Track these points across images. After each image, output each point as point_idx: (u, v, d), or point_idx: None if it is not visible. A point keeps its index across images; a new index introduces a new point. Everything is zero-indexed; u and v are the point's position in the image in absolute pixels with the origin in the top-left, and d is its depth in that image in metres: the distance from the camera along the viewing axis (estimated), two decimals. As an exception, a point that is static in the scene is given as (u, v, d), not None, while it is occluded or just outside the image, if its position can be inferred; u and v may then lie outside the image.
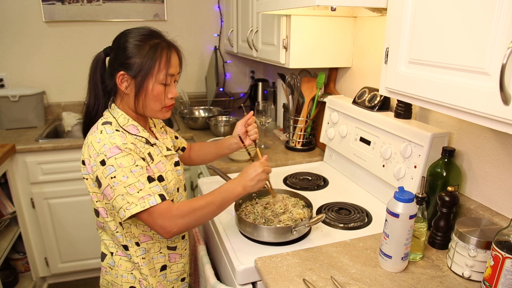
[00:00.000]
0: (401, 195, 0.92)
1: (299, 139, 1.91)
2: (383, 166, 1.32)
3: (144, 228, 1.06)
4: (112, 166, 0.93)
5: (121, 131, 0.99)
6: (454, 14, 0.75)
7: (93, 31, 2.62)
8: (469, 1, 0.72)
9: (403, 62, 0.92)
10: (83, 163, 1.00)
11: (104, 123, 1.00)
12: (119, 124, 1.02)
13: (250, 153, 1.26)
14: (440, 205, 1.06)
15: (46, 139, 2.19)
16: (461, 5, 0.73)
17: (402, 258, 0.95)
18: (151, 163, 1.04)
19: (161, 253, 1.11)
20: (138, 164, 0.96)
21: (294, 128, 1.91)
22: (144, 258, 1.07)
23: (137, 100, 1.02)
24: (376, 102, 1.42)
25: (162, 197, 0.95)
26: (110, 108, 1.06)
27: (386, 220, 0.95)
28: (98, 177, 0.96)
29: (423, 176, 1.12)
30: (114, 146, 0.95)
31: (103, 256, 1.10)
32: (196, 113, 2.66)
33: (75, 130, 2.55)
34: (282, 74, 2.07)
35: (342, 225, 1.22)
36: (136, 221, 1.04)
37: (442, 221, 1.07)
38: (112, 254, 1.07)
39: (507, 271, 0.79)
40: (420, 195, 1.00)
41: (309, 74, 1.99)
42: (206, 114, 2.63)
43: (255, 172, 1.06)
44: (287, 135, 1.98)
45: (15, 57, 2.53)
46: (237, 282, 1.03)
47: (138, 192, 0.93)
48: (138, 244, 1.06)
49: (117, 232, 1.04)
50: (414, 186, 1.18)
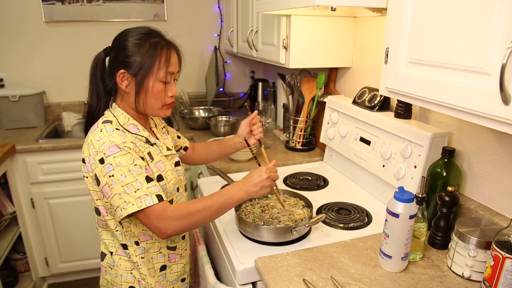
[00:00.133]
0: (401, 195, 0.92)
1: (299, 139, 1.91)
2: (383, 166, 1.32)
3: (144, 228, 1.06)
4: (111, 164, 0.93)
5: (121, 130, 1.00)
6: (454, 14, 0.75)
7: (93, 31, 2.62)
8: (469, 1, 0.72)
9: (403, 62, 0.92)
10: (83, 161, 1.01)
11: (104, 122, 1.01)
12: (120, 123, 1.03)
13: (254, 152, 1.24)
14: (440, 205, 1.06)
15: (46, 139, 2.19)
16: (461, 5, 0.73)
17: (402, 258, 0.95)
18: (151, 163, 1.04)
19: (160, 253, 1.11)
20: (137, 164, 0.96)
21: (294, 128, 1.91)
22: (143, 258, 1.07)
23: (137, 98, 1.02)
24: (376, 102, 1.42)
25: (160, 197, 0.95)
26: (111, 107, 1.06)
27: (386, 220, 0.95)
28: (97, 175, 0.96)
29: (423, 176, 1.12)
30: (113, 144, 0.95)
31: (103, 256, 1.10)
32: (196, 113, 2.66)
33: (75, 130, 2.55)
34: (282, 74, 2.07)
35: (342, 225, 1.22)
36: (136, 220, 1.04)
37: (442, 221, 1.07)
38: (111, 254, 1.07)
39: (507, 271, 0.79)
40: (420, 195, 1.00)
41: (309, 74, 1.99)
42: (206, 114, 2.63)
43: (260, 178, 1.02)
44: (287, 135, 1.98)
45: (15, 57, 2.53)
46: (237, 282, 1.03)
47: (135, 191, 0.93)
48: (138, 243, 1.06)
49: (116, 231, 1.04)
50: (414, 186, 1.18)
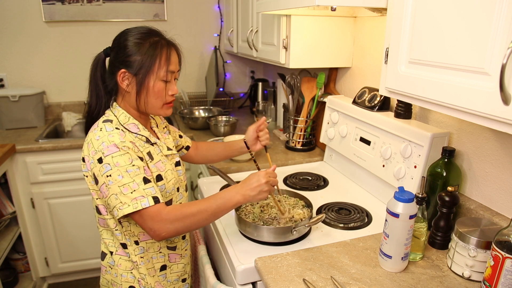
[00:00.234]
0: (401, 195, 0.92)
1: (299, 139, 1.91)
2: (383, 166, 1.32)
3: None
4: (109, 164, 0.94)
5: (120, 129, 1.00)
6: (454, 14, 0.75)
7: (93, 31, 2.62)
8: (469, 1, 0.72)
9: (403, 62, 0.92)
10: (83, 160, 1.01)
11: (104, 121, 1.01)
12: (120, 122, 1.03)
13: (254, 155, 1.24)
14: (440, 205, 1.06)
15: (46, 139, 2.19)
16: (461, 5, 0.73)
17: (402, 258, 0.95)
18: (150, 162, 1.04)
19: (160, 252, 1.11)
20: (135, 164, 0.96)
21: (294, 128, 1.91)
22: (142, 257, 1.07)
23: (138, 98, 1.02)
24: (376, 102, 1.42)
25: (156, 199, 0.95)
26: (112, 106, 1.07)
27: (386, 220, 0.95)
28: (95, 174, 0.96)
29: (423, 176, 1.12)
30: (112, 144, 0.95)
31: (103, 255, 1.10)
32: (196, 113, 2.66)
33: (75, 130, 2.55)
34: (282, 74, 2.07)
35: (342, 225, 1.22)
36: None
37: (442, 221, 1.07)
38: (111, 254, 1.07)
39: (507, 271, 0.79)
40: (420, 195, 1.00)
41: (309, 74, 1.99)
42: (206, 114, 2.63)
43: (258, 182, 1.01)
44: (287, 135, 1.98)
45: (15, 57, 2.53)
46: (237, 282, 1.03)
47: (132, 192, 0.93)
48: (137, 242, 1.06)
49: (116, 230, 1.04)
50: (414, 186, 1.18)
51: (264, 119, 1.33)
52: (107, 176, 0.93)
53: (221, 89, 2.95)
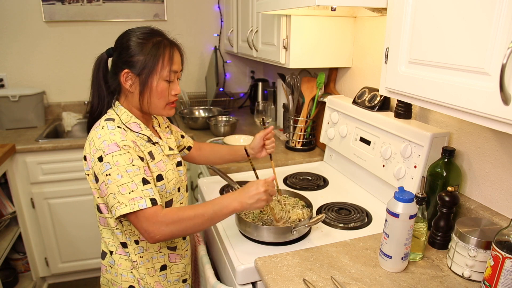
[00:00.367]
0: (401, 195, 0.92)
1: (299, 139, 1.91)
2: (383, 166, 1.32)
3: None
4: (108, 163, 0.94)
5: (122, 128, 1.00)
6: (454, 14, 0.75)
7: (93, 31, 2.62)
8: (469, 1, 0.72)
9: (403, 62, 0.92)
10: (84, 158, 1.01)
11: (106, 120, 1.01)
12: (122, 121, 1.03)
13: (253, 164, 1.24)
14: (440, 205, 1.06)
15: (46, 139, 2.19)
16: (461, 5, 0.73)
17: (402, 258, 0.95)
18: (151, 162, 1.04)
19: (160, 252, 1.11)
20: (135, 164, 0.96)
21: (294, 128, 1.91)
22: (142, 257, 1.07)
23: (142, 98, 1.03)
24: (376, 102, 1.42)
25: (153, 201, 0.94)
26: (114, 105, 1.07)
27: (386, 220, 0.95)
28: (95, 173, 0.97)
29: (423, 176, 1.12)
30: (113, 143, 0.95)
31: (103, 255, 1.10)
32: (196, 113, 2.65)
33: (75, 130, 2.55)
34: (282, 74, 2.07)
35: (342, 225, 1.22)
36: None
37: (442, 221, 1.07)
38: (111, 253, 1.07)
39: (507, 271, 0.79)
40: (420, 195, 1.00)
41: (309, 74, 1.99)
42: (206, 114, 2.63)
43: (256, 190, 1.01)
44: (287, 135, 1.98)
45: (15, 57, 2.53)
46: (237, 282, 1.03)
47: (130, 193, 0.93)
48: (138, 242, 1.06)
49: (117, 229, 1.04)
50: (414, 186, 1.18)
51: (271, 127, 1.34)
52: (107, 175, 0.94)
53: (221, 89, 2.95)
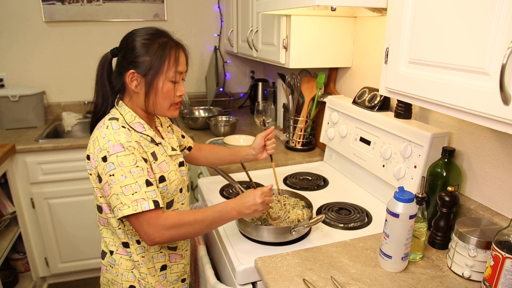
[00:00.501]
0: (401, 195, 0.92)
1: (299, 139, 1.91)
2: (383, 166, 1.32)
3: None
4: (113, 163, 0.94)
5: (127, 128, 1.00)
6: (454, 14, 0.75)
7: (93, 31, 2.62)
8: (469, 1, 0.72)
9: (403, 62, 0.92)
10: (88, 157, 1.01)
11: (111, 119, 1.01)
12: (126, 121, 1.03)
13: (250, 178, 1.24)
14: (440, 205, 1.06)
15: (46, 139, 2.19)
16: (461, 5, 0.73)
17: (402, 258, 0.95)
18: (154, 163, 1.04)
19: (161, 252, 1.11)
20: (139, 165, 0.96)
21: (294, 128, 1.91)
22: (143, 257, 1.07)
23: (147, 99, 1.03)
24: (376, 102, 1.42)
25: (156, 203, 0.95)
26: (117, 105, 1.07)
27: (386, 220, 0.95)
28: (99, 173, 0.96)
29: (423, 176, 1.12)
30: (118, 143, 0.95)
31: (103, 254, 1.10)
32: (196, 113, 2.66)
33: (75, 130, 2.55)
34: (282, 74, 2.07)
35: (342, 225, 1.22)
36: None
37: (442, 221, 1.07)
38: (112, 253, 1.07)
39: (507, 271, 0.79)
40: (420, 195, 1.00)
41: (309, 74, 1.99)
42: (206, 114, 2.63)
43: (254, 201, 1.04)
44: (287, 135, 1.98)
45: (15, 57, 2.53)
46: (237, 282, 1.03)
47: (133, 194, 0.93)
48: (139, 242, 1.06)
49: (119, 229, 1.04)
50: (414, 186, 1.18)
51: (272, 128, 1.34)
52: (110, 175, 0.94)
53: (221, 89, 2.95)
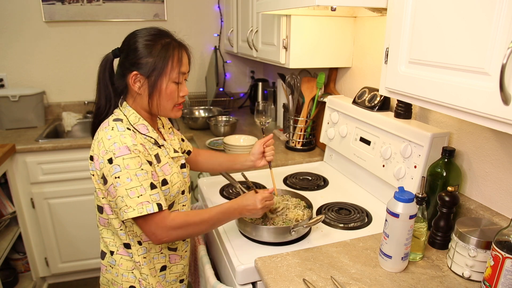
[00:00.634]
0: (401, 195, 0.92)
1: (299, 139, 1.91)
2: (383, 166, 1.32)
3: None
4: (118, 166, 0.94)
5: (132, 130, 1.00)
6: (454, 14, 0.75)
7: (93, 31, 2.62)
8: (469, 1, 0.72)
9: (403, 62, 0.92)
10: (91, 158, 1.01)
11: (115, 120, 1.01)
12: (130, 122, 1.02)
13: (251, 185, 1.25)
14: (440, 205, 1.06)
15: (46, 139, 2.19)
16: (461, 5, 0.73)
17: (402, 258, 0.95)
18: (157, 166, 1.03)
19: (161, 253, 1.11)
20: (144, 168, 0.96)
21: (294, 128, 1.91)
22: (145, 258, 1.07)
23: (151, 100, 1.02)
24: (376, 102, 1.42)
25: (160, 206, 0.96)
26: (121, 106, 1.06)
27: (386, 220, 0.95)
28: (104, 174, 0.96)
29: (423, 176, 1.12)
30: (124, 146, 0.95)
31: (103, 254, 1.10)
32: (196, 113, 2.66)
33: (75, 130, 2.55)
34: (282, 74, 2.07)
35: (342, 225, 1.22)
36: None
37: (442, 221, 1.07)
38: (112, 253, 1.07)
39: (507, 271, 0.79)
40: (420, 195, 1.00)
41: (309, 74, 1.99)
42: (206, 114, 2.63)
43: (254, 206, 1.08)
44: (287, 135, 1.98)
45: (15, 57, 2.53)
46: (237, 282, 1.03)
47: (138, 197, 0.93)
48: (140, 243, 1.06)
49: (120, 230, 1.04)
50: (414, 186, 1.18)
51: (271, 135, 1.33)
52: (116, 177, 0.94)
53: (221, 89, 2.95)
